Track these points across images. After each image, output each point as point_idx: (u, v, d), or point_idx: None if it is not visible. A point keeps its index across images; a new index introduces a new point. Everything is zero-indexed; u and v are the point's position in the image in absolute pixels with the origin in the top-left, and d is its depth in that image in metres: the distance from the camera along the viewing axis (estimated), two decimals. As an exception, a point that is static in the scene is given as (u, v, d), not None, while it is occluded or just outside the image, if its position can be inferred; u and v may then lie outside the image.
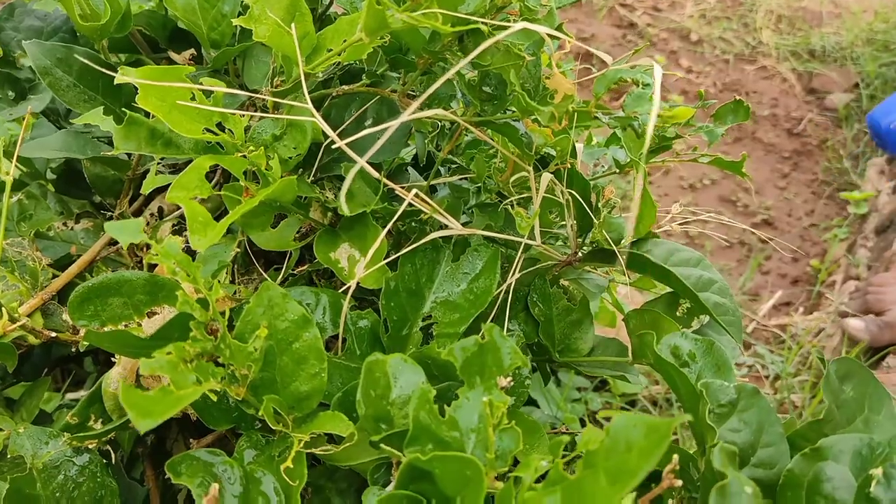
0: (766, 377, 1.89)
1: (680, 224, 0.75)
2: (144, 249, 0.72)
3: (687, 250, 0.67)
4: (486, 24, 0.43)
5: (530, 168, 0.60)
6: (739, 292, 2.25)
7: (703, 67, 3.23)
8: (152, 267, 0.68)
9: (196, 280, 0.44)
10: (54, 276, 0.65)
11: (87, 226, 0.74)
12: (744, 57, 3.30)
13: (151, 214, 0.75)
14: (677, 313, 0.66)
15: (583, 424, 1.52)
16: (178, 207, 0.74)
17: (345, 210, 0.52)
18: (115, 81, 0.49)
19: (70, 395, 0.89)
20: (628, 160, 0.78)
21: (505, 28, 0.52)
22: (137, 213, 0.75)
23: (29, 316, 0.58)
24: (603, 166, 0.95)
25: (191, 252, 0.53)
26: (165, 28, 0.77)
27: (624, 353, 0.69)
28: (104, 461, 0.52)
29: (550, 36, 0.52)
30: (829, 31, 3.38)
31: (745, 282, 2.29)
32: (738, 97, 0.70)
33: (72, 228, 0.73)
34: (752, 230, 0.82)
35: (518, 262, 0.62)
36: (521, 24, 0.42)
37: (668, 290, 0.68)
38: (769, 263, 2.41)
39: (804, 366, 1.90)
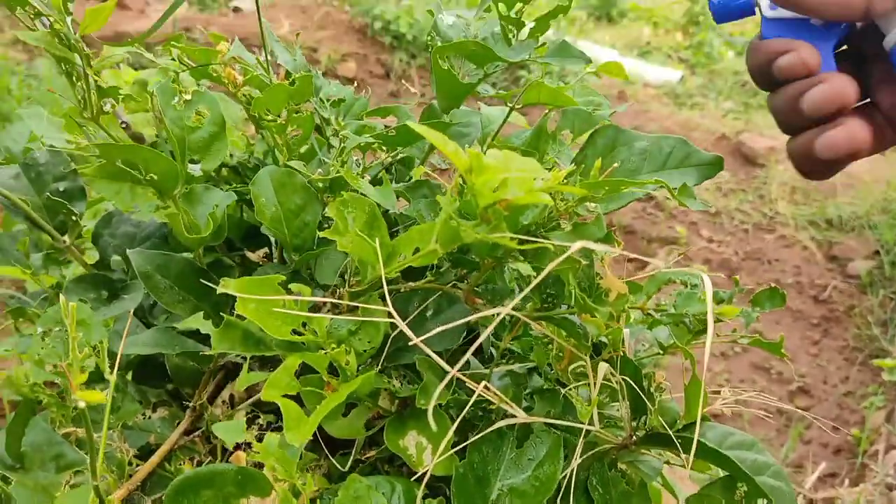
0: (819, 554, 1.82)
1: (727, 406, 0.78)
2: (212, 435, 0.76)
3: (740, 433, 0.70)
4: (551, 243, 0.49)
5: (587, 358, 0.65)
6: (783, 464, 2.20)
7: (724, 237, 3.33)
8: (225, 451, 0.72)
9: (292, 476, 0.48)
10: (136, 466, 0.69)
11: (164, 414, 0.78)
12: (762, 227, 3.41)
13: (224, 402, 0.80)
14: (735, 497, 0.67)
15: None
16: (249, 396, 0.79)
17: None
18: (218, 291, 0.56)
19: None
20: (671, 341, 0.82)
21: (562, 238, 0.59)
22: (211, 401, 0.80)
23: (117, 506, 0.61)
24: (644, 345, 0.99)
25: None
26: (240, 228, 0.85)
27: (683, 537, 0.70)
28: None
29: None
30: (844, 201, 3.50)
31: (788, 452, 2.26)
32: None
33: (149, 417, 0.78)
34: (792, 407, 0.84)
35: (579, 448, 0.65)
36: (580, 243, 0.48)
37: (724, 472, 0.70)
38: (810, 433, 2.38)
39: (857, 542, 1.83)
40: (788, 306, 2.94)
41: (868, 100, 0.58)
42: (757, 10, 0.59)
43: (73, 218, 0.73)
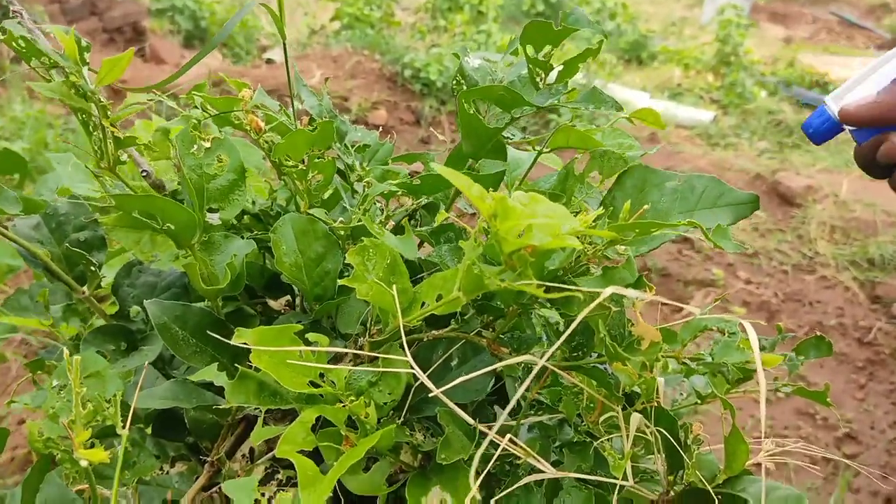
0: None
1: (771, 459, 0.74)
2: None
3: (785, 488, 0.65)
4: (579, 290, 0.47)
5: (619, 409, 0.61)
6: (831, 515, 2.11)
7: (762, 278, 3.26)
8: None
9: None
10: (152, 524, 0.66)
11: (182, 469, 0.76)
12: (802, 267, 3.33)
13: (243, 456, 0.77)
14: (782, 558, 0.63)
15: None
16: (269, 449, 0.76)
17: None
18: (233, 341, 0.54)
19: None
20: (709, 391, 0.78)
21: (592, 284, 0.56)
22: (230, 454, 0.78)
23: (130, 568, 0.59)
24: (682, 393, 0.95)
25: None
26: (262, 277, 0.83)
27: None
28: None
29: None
30: (886, 240, 3.41)
31: (836, 502, 2.16)
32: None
33: (167, 472, 0.75)
34: (838, 457, 0.79)
35: (613, 505, 0.61)
36: (611, 289, 0.45)
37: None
38: (858, 480, 2.28)
39: None
40: (832, 349, 2.85)
41: None
42: (845, 126, 0.74)
43: (93, 268, 0.72)
